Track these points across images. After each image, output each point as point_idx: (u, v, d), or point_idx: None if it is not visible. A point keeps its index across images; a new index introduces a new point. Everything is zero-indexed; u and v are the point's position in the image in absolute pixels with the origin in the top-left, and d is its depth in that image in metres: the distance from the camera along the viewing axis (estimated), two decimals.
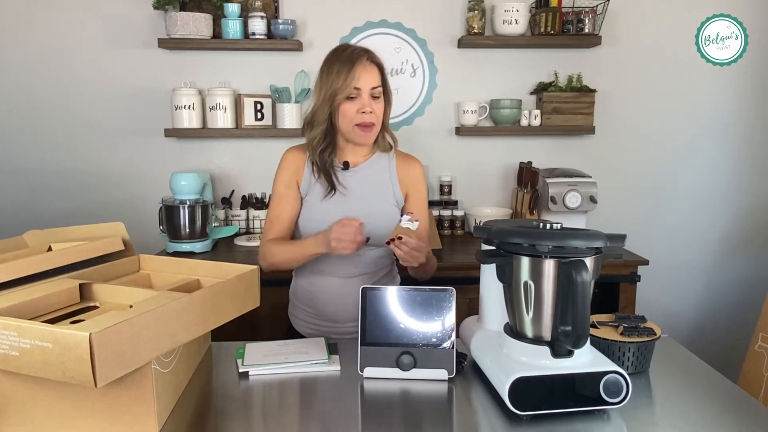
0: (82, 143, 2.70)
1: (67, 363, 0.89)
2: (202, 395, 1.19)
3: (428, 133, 2.77)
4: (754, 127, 2.81)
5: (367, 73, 1.50)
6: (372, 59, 1.53)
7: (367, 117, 1.51)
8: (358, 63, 1.49)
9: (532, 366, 1.08)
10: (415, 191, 1.63)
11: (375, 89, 1.52)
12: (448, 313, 1.22)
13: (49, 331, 0.89)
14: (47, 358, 0.90)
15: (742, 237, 2.89)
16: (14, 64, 2.64)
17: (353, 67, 1.48)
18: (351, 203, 1.57)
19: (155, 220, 2.49)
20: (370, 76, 1.51)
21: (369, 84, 1.51)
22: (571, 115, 2.67)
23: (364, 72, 1.50)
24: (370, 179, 1.61)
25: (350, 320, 1.55)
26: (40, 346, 0.90)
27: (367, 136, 1.55)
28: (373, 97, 1.52)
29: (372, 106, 1.52)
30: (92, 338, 0.87)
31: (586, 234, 1.08)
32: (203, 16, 2.50)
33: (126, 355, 0.94)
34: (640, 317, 1.33)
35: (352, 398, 1.18)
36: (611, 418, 1.07)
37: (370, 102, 1.51)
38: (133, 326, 0.95)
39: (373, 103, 1.52)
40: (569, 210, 2.45)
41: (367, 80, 1.50)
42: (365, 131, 1.53)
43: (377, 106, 1.53)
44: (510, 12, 2.54)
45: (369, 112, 1.51)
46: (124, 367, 0.94)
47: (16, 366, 0.93)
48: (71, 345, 0.88)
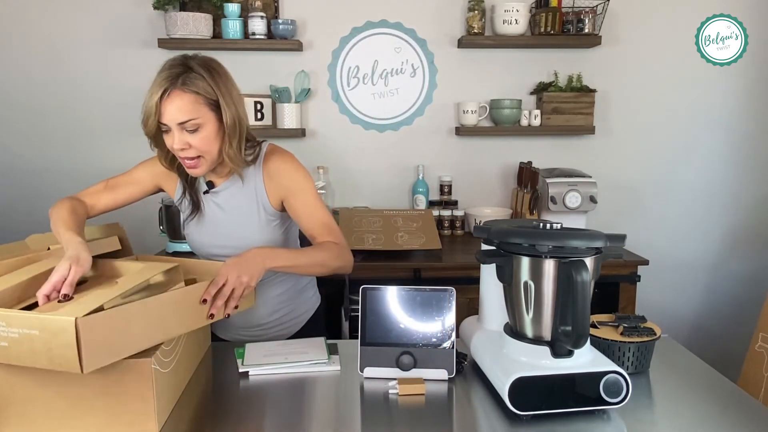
0: (82, 143, 2.70)
1: (54, 350, 0.89)
2: (202, 395, 1.19)
3: (428, 133, 2.77)
4: (754, 127, 2.81)
5: (173, 107, 1.25)
6: (185, 85, 1.25)
7: (181, 153, 1.31)
8: (163, 93, 1.25)
9: (532, 366, 1.08)
10: (290, 193, 1.43)
11: (186, 123, 1.27)
12: (448, 313, 1.22)
13: (35, 317, 0.89)
14: (35, 345, 0.90)
15: (742, 237, 2.89)
16: (14, 64, 2.64)
17: (157, 97, 1.25)
18: (216, 226, 1.46)
19: (155, 220, 2.49)
20: (176, 110, 1.25)
21: (175, 119, 1.26)
22: (571, 115, 2.67)
23: (169, 105, 1.25)
24: (234, 199, 1.45)
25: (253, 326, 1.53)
26: (28, 335, 0.90)
27: (194, 171, 1.35)
28: (187, 130, 1.28)
29: (186, 142, 1.28)
30: (78, 323, 0.87)
31: (586, 234, 1.08)
32: (203, 16, 2.51)
33: (114, 342, 0.94)
34: (640, 317, 1.33)
35: (352, 398, 1.18)
36: (611, 418, 1.07)
37: (182, 135, 1.28)
38: (123, 314, 0.95)
39: (190, 136, 1.28)
40: (569, 210, 2.45)
41: (173, 114, 1.26)
42: (190, 168, 1.35)
43: (196, 138, 1.29)
44: (510, 12, 2.54)
45: (180, 149, 1.30)
46: (112, 354, 0.94)
47: (5, 357, 0.93)
48: (57, 330, 0.88)
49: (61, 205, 1.37)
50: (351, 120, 2.76)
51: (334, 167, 2.74)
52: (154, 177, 1.50)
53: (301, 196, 1.43)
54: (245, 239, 1.43)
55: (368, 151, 2.78)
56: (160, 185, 1.53)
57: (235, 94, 1.35)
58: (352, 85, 2.73)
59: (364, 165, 2.78)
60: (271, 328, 1.56)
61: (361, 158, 2.77)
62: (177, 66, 1.29)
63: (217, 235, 1.47)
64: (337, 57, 2.71)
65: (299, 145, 2.63)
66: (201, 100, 1.28)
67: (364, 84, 2.73)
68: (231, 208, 1.46)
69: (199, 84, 1.28)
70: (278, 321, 1.56)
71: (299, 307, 1.61)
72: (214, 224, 1.47)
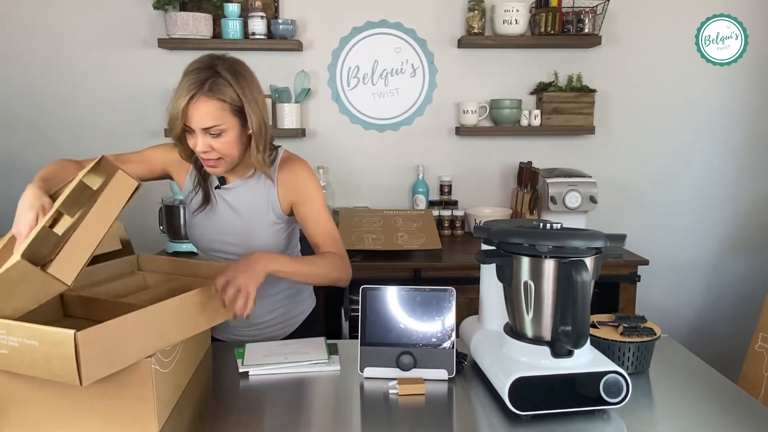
0: (82, 143, 2.70)
1: (53, 361, 0.89)
2: (202, 395, 1.19)
3: (428, 133, 2.77)
4: (754, 127, 2.81)
5: (199, 113, 1.27)
6: (212, 92, 1.27)
7: (204, 155, 1.34)
8: (190, 99, 1.26)
9: (532, 366, 1.08)
10: (302, 200, 1.46)
11: (211, 129, 1.29)
12: (448, 313, 1.22)
13: (35, 329, 0.89)
14: (34, 356, 0.90)
15: (742, 237, 2.89)
16: (14, 64, 2.64)
17: (184, 102, 1.26)
18: (222, 221, 1.48)
19: (155, 220, 2.49)
20: (202, 116, 1.28)
21: (200, 125, 1.29)
22: (571, 115, 2.67)
23: (195, 112, 1.27)
24: (245, 197, 1.47)
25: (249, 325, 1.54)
26: (28, 344, 0.90)
27: (214, 171, 1.39)
28: (210, 134, 1.30)
29: (209, 145, 1.31)
30: (77, 337, 0.87)
31: (586, 234, 1.08)
32: (203, 16, 2.51)
33: (113, 353, 0.94)
34: (640, 317, 1.33)
35: (352, 398, 1.18)
36: (611, 418, 1.07)
37: (205, 141, 1.31)
38: (121, 325, 0.95)
39: (213, 140, 1.31)
40: (569, 210, 2.45)
41: (199, 120, 1.28)
42: (210, 167, 1.38)
43: (218, 142, 1.31)
44: (510, 12, 2.54)
45: (203, 152, 1.33)
46: (111, 366, 0.94)
47: (6, 364, 0.93)
48: (57, 343, 0.88)
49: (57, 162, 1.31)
50: (351, 120, 2.76)
51: (334, 167, 2.74)
52: (165, 162, 1.51)
53: (311, 204, 1.46)
54: (249, 237, 1.46)
55: (368, 151, 2.78)
56: (168, 172, 1.53)
57: (260, 99, 1.37)
58: (352, 85, 2.73)
59: (364, 165, 2.78)
60: (266, 328, 1.57)
61: (361, 158, 2.77)
62: (204, 70, 1.29)
63: (222, 230, 1.49)
64: (337, 57, 2.71)
65: (299, 145, 2.63)
66: (227, 108, 1.30)
67: (364, 84, 2.73)
68: (240, 206, 1.47)
69: (226, 91, 1.29)
70: (273, 321, 1.57)
71: (295, 308, 1.62)
72: (221, 219, 1.48)
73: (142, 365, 0.99)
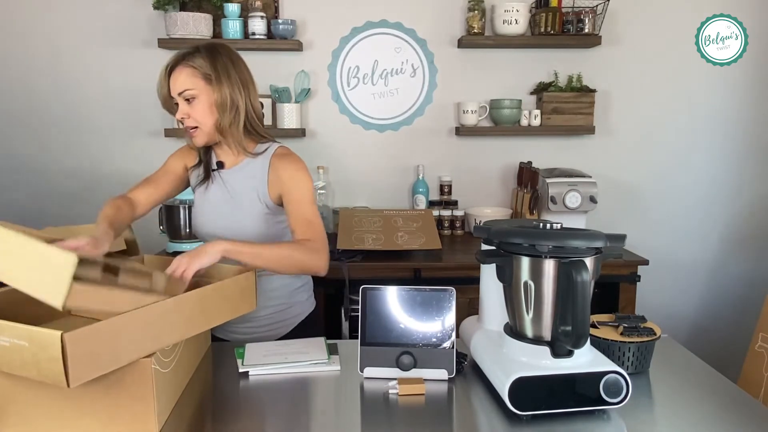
0: (82, 143, 2.70)
1: (41, 362, 0.89)
2: (202, 395, 1.19)
3: (428, 133, 2.77)
4: (755, 127, 2.81)
5: (174, 79, 1.45)
6: (185, 60, 1.44)
7: (184, 123, 1.48)
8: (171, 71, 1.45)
9: (532, 366, 1.08)
10: (287, 190, 1.50)
11: (183, 93, 1.44)
12: (448, 313, 1.22)
13: (24, 329, 0.89)
14: (24, 356, 0.90)
15: (742, 237, 2.89)
16: (14, 63, 2.64)
17: (164, 71, 1.45)
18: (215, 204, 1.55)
19: (155, 220, 2.49)
20: (176, 81, 1.44)
21: (175, 90, 1.45)
22: (571, 115, 2.67)
23: (173, 81, 1.45)
24: (238, 183, 1.54)
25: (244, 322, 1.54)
26: (18, 345, 0.90)
27: (195, 141, 1.51)
28: (185, 99, 1.45)
29: (186, 112, 1.45)
30: (64, 338, 0.86)
31: (586, 234, 1.08)
32: (203, 16, 2.51)
33: (102, 355, 0.93)
34: (640, 317, 1.33)
35: (352, 398, 1.18)
36: (611, 418, 1.07)
37: (183, 106, 1.45)
38: (111, 327, 0.95)
39: (187, 106, 1.45)
40: (569, 210, 2.45)
41: (173, 86, 1.45)
42: (191, 137, 1.50)
43: (193, 109, 1.45)
44: (510, 12, 2.54)
45: (180, 119, 1.48)
46: (101, 367, 0.94)
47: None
48: (45, 344, 0.88)
49: (108, 203, 1.47)
50: (351, 120, 2.76)
51: (334, 167, 2.74)
52: (183, 159, 1.62)
53: (296, 193, 1.49)
54: (239, 224, 1.51)
55: (368, 151, 2.78)
56: (188, 165, 1.62)
57: (237, 76, 1.47)
58: (352, 85, 2.73)
59: (364, 165, 2.78)
60: (262, 326, 1.57)
61: (361, 158, 2.77)
62: (188, 49, 1.46)
63: (215, 214, 1.54)
64: (337, 57, 2.71)
65: (299, 145, 2.63)
66: (197, 74, 1.43)
67: (364, 84, 2.73)
68: (233, 191, 1.53)
69: (197, 60, 1.44)
70: (269, 319, 1.57)
71: (291, 308, 1.62)
72: (214, 203, 1.55)
73: (142, 365, 0.99)
